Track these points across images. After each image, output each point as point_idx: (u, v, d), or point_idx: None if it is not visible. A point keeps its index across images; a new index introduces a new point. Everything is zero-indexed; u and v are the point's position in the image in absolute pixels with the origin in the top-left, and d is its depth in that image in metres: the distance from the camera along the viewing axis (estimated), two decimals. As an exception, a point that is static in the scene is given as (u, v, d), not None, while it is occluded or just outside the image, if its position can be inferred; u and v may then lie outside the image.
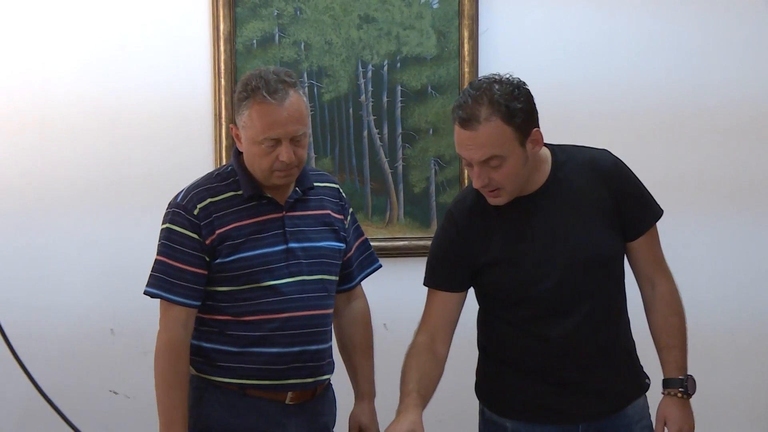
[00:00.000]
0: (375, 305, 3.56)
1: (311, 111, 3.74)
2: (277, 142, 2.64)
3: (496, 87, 2.54)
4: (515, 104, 2.53)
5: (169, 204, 2.75)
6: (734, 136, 3.94)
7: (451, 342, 2.71)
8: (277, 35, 3.72)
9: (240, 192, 2.73)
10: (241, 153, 2.75)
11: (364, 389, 2.94)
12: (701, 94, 3.90)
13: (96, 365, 3.70)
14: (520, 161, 2.57)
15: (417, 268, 2.80)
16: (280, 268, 2.71)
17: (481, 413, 2.83)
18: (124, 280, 3.53)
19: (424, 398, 2.59)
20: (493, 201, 2.63)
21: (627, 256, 2.76)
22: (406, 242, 3.81)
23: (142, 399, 3.06)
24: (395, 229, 3.82)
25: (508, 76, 2.59)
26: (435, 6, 3.77)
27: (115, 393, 3.71)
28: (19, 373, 3.33)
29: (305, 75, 3.73)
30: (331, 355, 2.85)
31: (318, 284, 2.76)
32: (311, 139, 3.74)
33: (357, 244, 2.93)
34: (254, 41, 3.70)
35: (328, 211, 2.83)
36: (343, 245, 2.85)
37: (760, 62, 3.92)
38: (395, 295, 3.43)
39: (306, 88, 3.72)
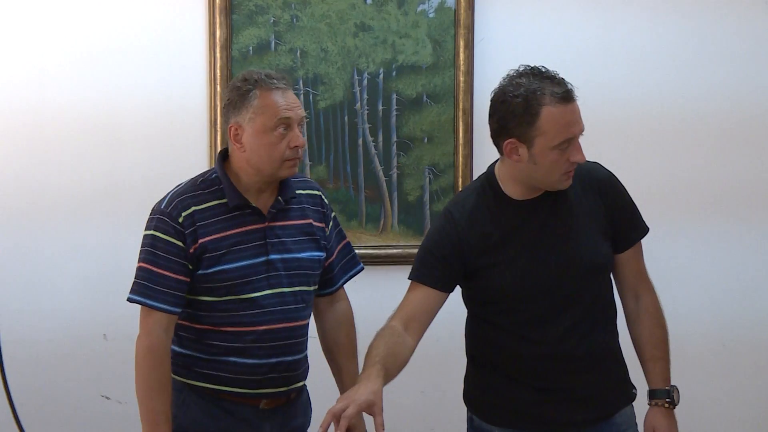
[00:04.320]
0: (368, 313, 3.55)
1: (307, 118, 3.74)
2: (289, 127, 2.65)
3: (546, 69, 2.61)
4: None
5: (153, 210, 2.73)
6: (727, 143, 3.95)
7: (421, 336, 2.67)
8: (273, 42, 3.73)
9: (224, 200, 2.71)
10: (226, 160, 2.75)
11: None
12: (696, 102, 3.91)
13: (88, 370, 3.71)
14: None
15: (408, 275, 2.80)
16: (259, 280, 2.71)
17: (470, 421, 2.83)
18: (116, 285, 3.49)
19: (388, 372, 2.51)
20: (569, 183, 2.64)
21: (613, 269, 2.78)
22: (399, 250, 3.81)
23: (133, 404, 3.04)
24: (389, 236, 3.83)
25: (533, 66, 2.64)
26: (431, 15, 3.79)
27: (107, 398, 3.71)
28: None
29: (301, 82, 3.74)
30: (306, 363, 2.85)
31: (297, 296, 2.76)
32: (306, 146, 3.75)
33: (339, 248, 2.93)
34: (250, 48, 3.71)
35: (310, 221, 2.83)
36: (323, 254, 2.85)
37: (754, 70, 3.93)
38: (388, 302, 3.41)
39: (302, 96, 3.73)
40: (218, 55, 3.66)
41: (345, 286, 2.98)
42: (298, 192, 2.82)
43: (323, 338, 2.94)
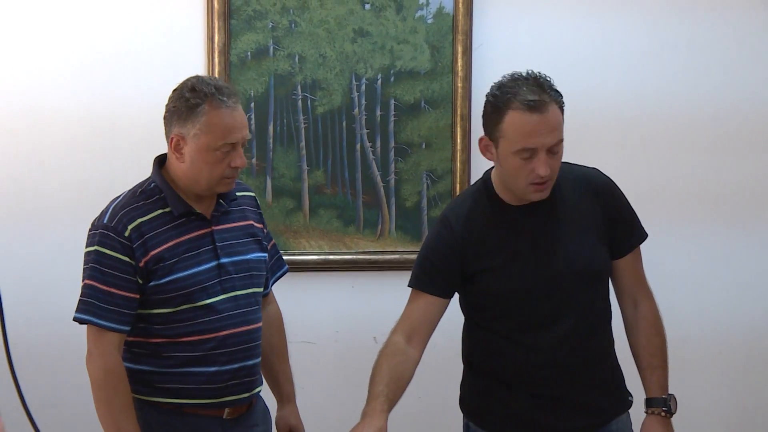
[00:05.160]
0: (365, 318, 3.56)
1: (305, 124, 3.75)
2: (233, 147, 2.60)
3: (537, 77, 2.59)
4: (559, 92, 2.60)
5: (93, 226, 2.66)
6: (726, 147, 3.94)
7: (425, 346, 2.70)
8: (271, 47, 3.73)
9: (167, 210, 2.65)
10: (162, 167, 2.70)
11: (289, 391, 2.96)
12: (694, 106, 3.90)
13: (86, 375, 3.69)
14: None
15: (407, 282, 2.79)
16: (213, 286, 2.67)
17: (466, 427, 2.83)
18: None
19: (392, 402, 2.57)
20: (539, 195, 2.62)
21: (611, 275, 2.78)
22: (397, 255, 3.81)
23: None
24: (386, 242, 3.83)
25: (537, 72, 2.63)
26: (429, 21, 3.79)
27: (105, 403, 3.70)
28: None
29: (299, 87, 3.74)
30: (260, 368, 2.84)
31: (250, 298, 2.74)
32: (304, 151, 3.76)
33: (268, 248, 2.90)
34: (249, 53, 3.71)
35: (251, 222, 2.81)
36: (266, 255, 2.84)
37: (752, 74, 3.93)
38: (385, 308, 3.42)
39: (300, 101, 3.74)
40: (216, 60, 3.66)
41: (344, 290, 2.99)
42: (237, 194, 2.80)
43: None
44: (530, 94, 2.53)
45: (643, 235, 2.79)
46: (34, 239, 3.68)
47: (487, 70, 3.73)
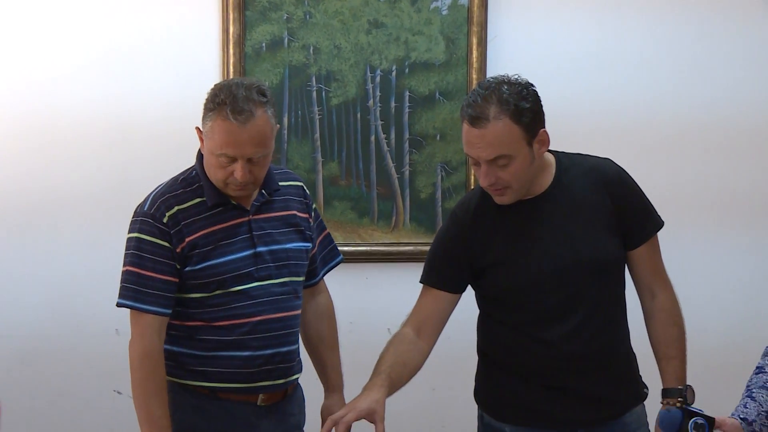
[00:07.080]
0: (379, 310, 3.56)
1: (319, 115, 3.75)
2: (234, 159, 2.61)
3: (505, 87, 2.55)
4: (524, 104, 2.55)
5: (135, 213, 2.71)
6: (735, 150, 3.94)
7: (436, 340, 2.71)
8: (286, 39, 3.73)
9: (205, 198, 2.70)
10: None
11: (335, 381, 2.97)
12: (704, 108, 3.90)
13: (100, 365, 3.72)
14: (527, 161, 2.58)
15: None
16: (248, 273, 2.70)
17: (480, 418, 2.83)
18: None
19: (394, 381, 2.58)
20: (499, 200, 2.64)
21: (628, 266, 2.76)
22: (411, 247, 3.81)
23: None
24: (401, 234, 3.83)
25: (516, 76, 2.60)
26: (444, 12, 3.78)
27: (119, 393, 3.72)
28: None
29: (314, 79, 3.74)
30: (299, 355, 2.85)
31: (287, 287, 2.76)
32: (318, 143, 3.76)
33: (320, 239, 2.93)
34: (263, 44, 3.71)
35: (294, 212, 2.82)
36: (309, 245, 2.84)
37: (759, 78, 3.92)
38: (400, 300, 3.42)
39: (314, 92, 3.74)
40: (231, 51, 3.66)
41: (358, 282, 2.98)
42: (281, 184, 2.81)
43: (305, 331, 2.93)
44: (473, 108, 2.54)
45: (658, 225, 2.76)
46: (49, 234, 3.69)
47: (502, 62, 3.73)
